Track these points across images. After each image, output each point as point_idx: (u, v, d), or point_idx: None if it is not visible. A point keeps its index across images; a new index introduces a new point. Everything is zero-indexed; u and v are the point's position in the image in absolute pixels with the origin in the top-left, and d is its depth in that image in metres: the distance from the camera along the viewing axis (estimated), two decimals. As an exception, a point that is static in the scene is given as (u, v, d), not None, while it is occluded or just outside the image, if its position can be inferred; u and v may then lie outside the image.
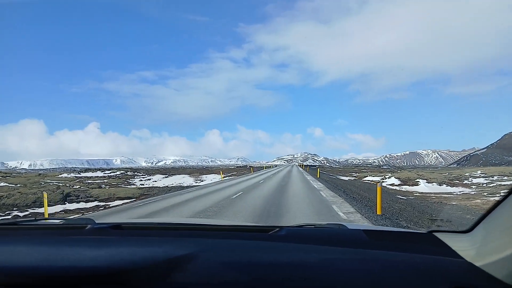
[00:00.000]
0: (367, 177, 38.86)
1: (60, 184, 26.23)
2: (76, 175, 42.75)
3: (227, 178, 36.87)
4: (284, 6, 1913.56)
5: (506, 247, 0.95)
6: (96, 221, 1.68)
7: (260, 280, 1.05)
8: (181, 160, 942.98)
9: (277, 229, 1.49)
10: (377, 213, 9.40)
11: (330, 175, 42.17)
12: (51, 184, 26.91)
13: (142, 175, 42.95)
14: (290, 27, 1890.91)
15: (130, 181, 35.12)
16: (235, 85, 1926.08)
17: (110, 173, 45.87)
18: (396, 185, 27.16)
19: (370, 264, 1.13)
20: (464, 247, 1.18)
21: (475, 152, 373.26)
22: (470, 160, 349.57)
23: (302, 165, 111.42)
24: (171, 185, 28.62)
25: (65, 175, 42.56)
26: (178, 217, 9.92)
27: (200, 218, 8.28)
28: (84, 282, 1.03)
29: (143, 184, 32.35)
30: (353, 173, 48.55)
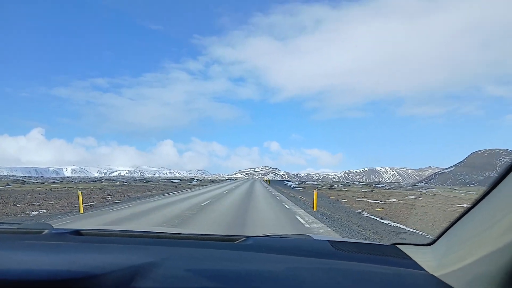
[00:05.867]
0: None
1: None
2: None
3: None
4: (239, 20, 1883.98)
5: (463, 258, 0.97)
6: (54, 226, 1.62)
7: None
8: (136, 171, 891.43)
9: (244, 238, 1.51)
10: None
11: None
12: None
13: None
14: (246, 41, 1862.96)
15: None
16: (193, 97, 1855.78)
17: None
18: None
19: (336, 274, 1.13)
20: (426, 259, 1.21)
21: (443, 171, 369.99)
22: (437, 178, 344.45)
23: (268, 181, 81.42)
24: None
25: None
26: (143, 225, 9.22)
27: (165, 227, 6.62)
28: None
29: None
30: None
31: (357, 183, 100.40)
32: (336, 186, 62.80)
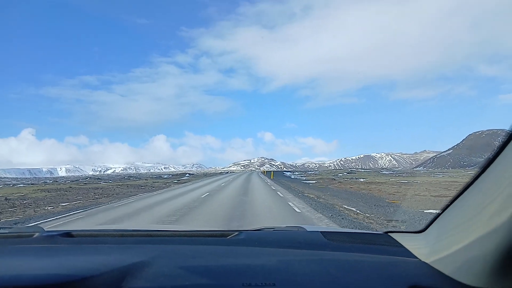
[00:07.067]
0: None
1: None
2: None
3: None
4: (225, 9, 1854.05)
5: (454, 244, 0.98)
6: (45, 229, 1.63)
7: (220, 285, 1.01)
8: (131, 168, 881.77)
9: (236, 233, 1.52)
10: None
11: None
12: None
13: None
14: (234, 31, 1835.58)
15: None
16: (184, 91, 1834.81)
17: None
18: None
19: (328, 265, 1.14)
20: (418, 246, 1.22)
21: (442, 154, 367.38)
22: (436, 162, 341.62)
23: (272, 173, 74.84)
24: None
25: None
26: (135, 223, 8.79)
27: (157, 224, 7.43)
28: None
29: None
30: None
31: (362, 170, 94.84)
32: (341, 175, 56.93)
